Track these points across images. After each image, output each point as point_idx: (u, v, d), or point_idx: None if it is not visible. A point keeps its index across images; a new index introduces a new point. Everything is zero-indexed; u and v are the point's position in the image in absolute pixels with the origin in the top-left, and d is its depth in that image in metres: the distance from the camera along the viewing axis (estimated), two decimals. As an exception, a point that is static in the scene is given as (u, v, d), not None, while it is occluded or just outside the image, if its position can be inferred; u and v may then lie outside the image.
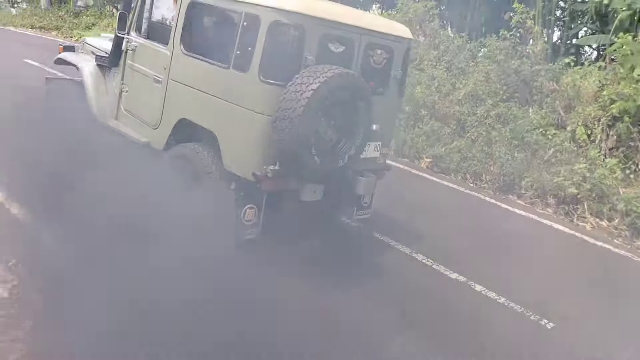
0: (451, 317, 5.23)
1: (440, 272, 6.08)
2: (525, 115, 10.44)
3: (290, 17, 4.77)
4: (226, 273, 4.71)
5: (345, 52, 5.17)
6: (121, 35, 6.07)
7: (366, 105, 5.00)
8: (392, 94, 5.75)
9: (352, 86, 4.84)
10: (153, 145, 5.78)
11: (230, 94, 5.04)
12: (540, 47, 11.80)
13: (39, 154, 6.08)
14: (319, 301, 4.87)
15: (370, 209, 6.23)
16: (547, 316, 5.52)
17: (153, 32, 5.94)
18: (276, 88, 4.78)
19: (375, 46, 5.40)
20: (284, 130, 4.64)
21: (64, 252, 4.77)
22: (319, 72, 4.66)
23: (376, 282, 5.52)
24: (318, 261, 5.52)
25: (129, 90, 6.13)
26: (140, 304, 4.04)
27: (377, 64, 5.47)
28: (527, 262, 6.75)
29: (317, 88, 4.57)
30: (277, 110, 4.67)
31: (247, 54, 4.90)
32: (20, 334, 3.87)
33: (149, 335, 3.94)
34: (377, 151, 5.72)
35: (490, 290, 5.84)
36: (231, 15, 5.10)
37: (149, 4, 5.96)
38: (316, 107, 4.62)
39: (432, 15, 13.15)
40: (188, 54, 5.42)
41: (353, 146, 5.10)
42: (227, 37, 5.06)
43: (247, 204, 5.11)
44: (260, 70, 4.81)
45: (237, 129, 5.04)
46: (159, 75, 5.67)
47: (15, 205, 5.63)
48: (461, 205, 8.71)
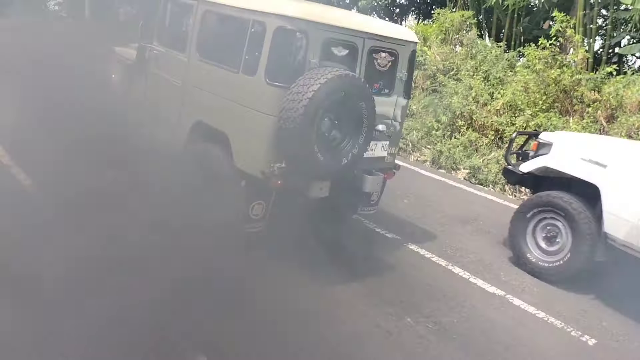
0: (487, 329, 5.22)
1: (478, 285, 6.08)
2: (565, 126, 10.28)
3: (294, 23, 5.05)
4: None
5: (349, 55, 5.41)
6: (144, 44, 6.52)
7: (368, 105, 5.21)
8: (398, 96, 5.93)
9: (352, 87, 5.06)
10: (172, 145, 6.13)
11: (240, 97, 5.37)
12: (581, 56, 11.61)
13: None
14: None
15: (376, 205, 6.36)
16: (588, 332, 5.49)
17: (172, 40, 6.34)
18: (281, 90, 5.05)
19: (379, 49, 5.62)
20: (287, 129, 4.91)
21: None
22: (320, 74, 4.91)
23: (415, 295, 5.58)
24: (356, 276, 5.67)
25: (152, 95, 6.55)
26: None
27: (382, 66, 5.67)
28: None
29: (317, 89, 4.82)
30: (281, 110, 4.94)
31: (254, 59, 5.23)
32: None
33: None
34: (384, 151, 5.92)
35: (530, 304, 5.81)
36: (241, 22, 5.42)
37: (169, 15, 6.41)
38: (317, 107, 4.87)
39: (470, 24, 13.17)
40: (203, 60, 5.80)
41: (356, 145, 5.30)
42: (237, 44, 5.41)
43: (255, 200, 5.39)
44: (266, 73, 5.13)
45: (246, 130, 5.36)
46: (177, 81, 6.05)
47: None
48: (499, 217, 8.63)
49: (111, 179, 5.50)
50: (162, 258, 4.56)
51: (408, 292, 5.60)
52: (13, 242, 4.52)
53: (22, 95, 7.07)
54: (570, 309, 5.86)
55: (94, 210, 5.05)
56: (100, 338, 3.82)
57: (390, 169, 6.12)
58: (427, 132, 11.74)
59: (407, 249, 6.65)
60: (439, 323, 5.12)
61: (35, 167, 6.30)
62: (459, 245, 7.06)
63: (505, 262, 6.82)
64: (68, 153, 5.84)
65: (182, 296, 4.36)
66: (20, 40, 10.71)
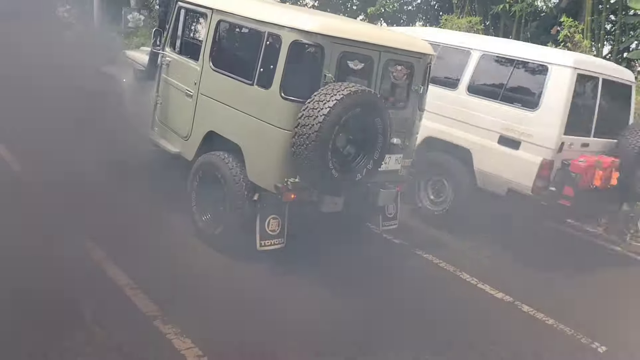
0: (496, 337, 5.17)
1: (486, 291, 6.03)
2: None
3: (310, 37, 4.99)
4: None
5: (365, 68, 5.36)
6: (156, 51, 6.43)
7: (383, 120, 5.14)
8: (413, 109, 5.87)
9: (368, 103, 4.97)
10: (183, 155, 6.10)
11: (254, 109, 5.30)
12: (590, 61, 11.57)
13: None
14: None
15: (396, 220, 6.37)
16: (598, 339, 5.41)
17: (185, 48, 6.27)
18: (296, 104, 4.99)
19: (395, 62, 5.57)
20: (302, 145, 4.83)
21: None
22: (336, 90, 4.83)
23: (418, 299, 5.56)
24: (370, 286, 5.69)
25: (163, 102, 6.46)
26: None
27: (398, 79, 5.63)
28: (577, 281, 6.71)
29: (333, 105, 4.75)
30: (296, 126, 4.87)
31: (269, 72, 5.15)
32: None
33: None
34: (398, 164, 5.84)
35: (539, 311, 5.75)
36: (255, 34, 5.35)
37: (182, 21, 6.31)
38: (333, 123, 4.79)
39: (477, 30, 13.08)
40: (216, 70, 5.71)
41: (371, 160, 5.23)
42: (252, 55, 5.34)
43: (270, 215, 5.32)
44: (281, 87, 5.05)
45: (260, 143, 5.30)
46: (189, 90, 5.97)
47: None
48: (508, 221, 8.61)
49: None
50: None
51: (415, 297, 5.57)
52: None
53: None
54: (581, 315, 5.81)
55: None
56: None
57: (403, 182, 6.06)
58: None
59: (414, 254, 6.66)
60: (449, 332, 5.06)
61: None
62: (467, 250, 7.07)
63: (514, 267, 6.81)
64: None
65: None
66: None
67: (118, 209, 6.08)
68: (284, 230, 5.41)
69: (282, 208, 5.36)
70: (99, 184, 6.46)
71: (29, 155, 7.02)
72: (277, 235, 5.37)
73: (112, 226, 5.71)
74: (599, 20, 12.92)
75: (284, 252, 5.45)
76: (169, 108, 6.36)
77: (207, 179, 5.75)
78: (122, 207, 6.15)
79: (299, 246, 5.72)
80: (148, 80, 6.64)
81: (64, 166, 6.55)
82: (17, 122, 7.54)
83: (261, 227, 5.27)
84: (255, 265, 5.45)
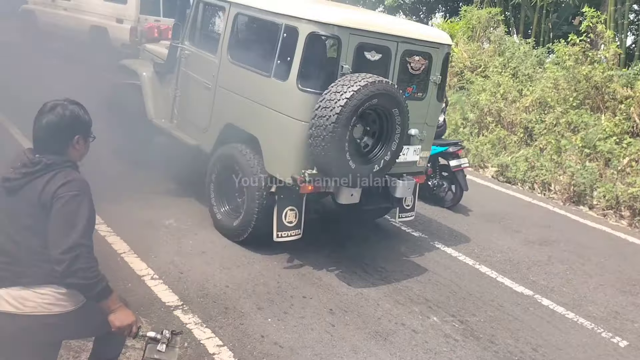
0: (515, 330, 5.16)
1: (505, 284, 6.01)
2: (597, 123, 10.08)
3: (327, 28, 4.99)
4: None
5: (382, 59, 5.34)
6: (176, 44, 6.47)
7: (401, 111, 5.13)
8: (431, 99, 5.85)
9: (385, 93, 4.96)
10: (202, 147, 6.14)
11: (271, 101, 5.32)
12: (613, 52, 11.37)
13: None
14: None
15: (413, 211, 6.37)
16: (619, 334, 5.39)
17: (204, 41, 6.31)
18: (313, 96, 5.00)
19: (413, 53, 5.53)
20: (319, 136, 4.84)
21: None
22: (353, 81, 4.83)
23: (441, 294, 5.55)
24: (382, 274, 5.74)
25: (182, 95, 6.51)
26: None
27: (415, 70, 5.59)
28: (597, 276, 6.63)
29: (350, 96, 4.75)
30: (313, 117, 4.88)
31: (286, 64, 5.16)
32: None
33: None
34: (416, 155, 5.83)
35: (559, 305, 5.73)
36: (272, 26, 5.36)
37: (201, 15, 6.35)
38: (350, 114, 4.79)
39: (497, 21, 12.98)
40: (234, 63, 5.74)
41: (389, 152, 5.23)
42: (269, 48, 5.35)
43: (287, 206, 5.33)
44: (298, 79, 5.06)
45: (277, 135, 5.32)
46: (208, 82, 6.01)
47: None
48: (527, 216, 8.54)
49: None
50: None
51: (434, 290, 5.58)
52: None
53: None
54: (601, 309, 5.78)
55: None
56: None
57: (421, 173, 6.04)
58: (454, 130, 11.63)
59: (433, 247, 6.65)
60: (466, 322, 5.09)
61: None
62: (487, 244, 7.04)
63: (533, 261, 6.75)
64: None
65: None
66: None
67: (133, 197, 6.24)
68: (301, 221, 5.43)
69: (299, 199, 5.37)
70: (116, 171, 6.63)
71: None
72: (294, 226, 5.39)
73: (129, 215, 5.86)
74: (622, 10, 12.70)
75: (300, 242, 5.50)
76: (188, 101, 6.41)
77: (225, 171, 5.79)
78: (138, 195, 6.30)
79: (316, 235, 5.75)
80: (167, 73, 6.68)
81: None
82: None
83: (278, 218, 5.29)
84: (273, 255, 5.53)
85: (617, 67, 11.24)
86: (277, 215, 5.29)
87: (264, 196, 5.40)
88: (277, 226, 5.29)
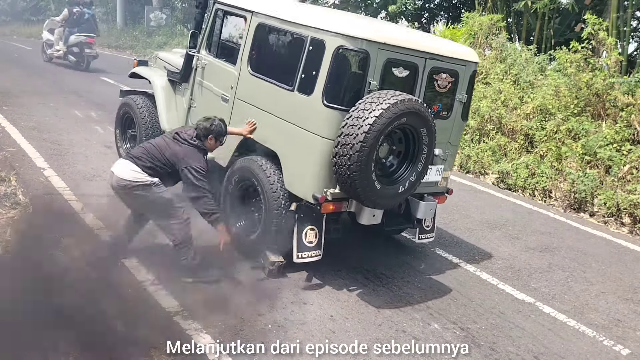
0: (516, 337, 5.11)
1: (507, 291, 5.95)
2: (597, 130, 10.03)
3: (355, 43, 4.81)
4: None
5: (410, 76, 5.18)
6: (192, 53, 6.25)
7: (429, 131, 4.98)
8: (456, 118, 5.70)
9: (414, 112, 4.80)
10: (217, 161, 5.93)
11: (293, 116, 5.13)
12: (615, 59, 11.34)
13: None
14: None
15: (433, 232, 6.23)
16: (621, 342, 5.33)
17: (222, 51, 6.09)
18: (339, 112, 4.83)
19: (440, 70, 5.36)
20: (345, 155, 4.67)
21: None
22: (382, 99, 4.67)
23: (442, 301, 5.51)
24: (382, 280, 5.70)
25: (197, 106, 6.30)
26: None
27: (442, 87, 5.43)
28: (598, 283, 6.57)
29: (379, 115, 4.59)
30: (340, 135, 4.71)
31: (311, 78, 4.97)
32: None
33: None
34: (438, 175, 5.65)
35: (560, 312, 5.68)
36: (297, 38, 5.17)
37: (219, 24, 6.11)
38: (378, 133, 4.64)
39: (499, 28, 12.89)
40: (254, 74, 5.54)
41: (414, 172, 5.08)
42: (293, 60, 5.15)
43: (307, 225, 5.17)
44: (324, 94, 4.88)
45: (299, 151, 5.14)
46: (226, 94, 5.81)
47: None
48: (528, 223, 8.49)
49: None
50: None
51: (435, 297, 5.54)
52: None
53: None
54: (602, 317, 5.73)
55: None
56: None
57: (442, 193, 5.89)
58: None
59: (434, 254, 6.60)
60: (466, 329, 5.05)
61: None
62: (487, 250, 6.98)
63: (534, 268, 6.70)
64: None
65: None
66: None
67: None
68: (321, 241, 5.27)
69: (319, 219, 5.22)
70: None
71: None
72: (314, 246, 5.23)
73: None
74: (625, 17, 12.68)
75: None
76: (204, 112, 6.17)
77: (242, 185, 5.60)
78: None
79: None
80: (182, 82, 6.46)
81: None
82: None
83: (299, 238, 5.13)
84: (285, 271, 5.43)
85: (618, 74, 11.23)
86: (297, 235, 5.13)
87: (283, 214, 5.22)
88: (297, 246, 5.13)
